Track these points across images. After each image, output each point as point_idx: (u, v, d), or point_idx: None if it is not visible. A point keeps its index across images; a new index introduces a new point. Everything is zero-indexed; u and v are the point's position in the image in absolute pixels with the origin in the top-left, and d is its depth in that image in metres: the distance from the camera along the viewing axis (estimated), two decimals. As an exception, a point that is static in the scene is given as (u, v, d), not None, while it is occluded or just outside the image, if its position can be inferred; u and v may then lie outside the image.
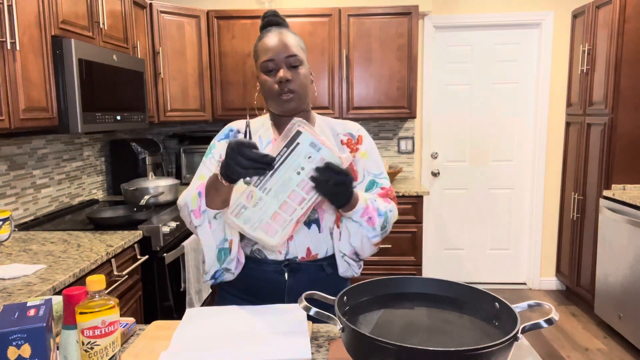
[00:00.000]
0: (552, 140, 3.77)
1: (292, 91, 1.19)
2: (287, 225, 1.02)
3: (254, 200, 1.00)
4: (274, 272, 1.23)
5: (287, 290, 1.24)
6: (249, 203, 1.00)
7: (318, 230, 1.23)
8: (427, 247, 3.94)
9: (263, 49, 1.21)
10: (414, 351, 0.71)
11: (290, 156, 0.97)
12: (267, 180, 0.99)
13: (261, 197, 1.00)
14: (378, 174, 1.29)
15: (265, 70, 1.21)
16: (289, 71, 1.19)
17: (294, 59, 1.19)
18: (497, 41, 3.73)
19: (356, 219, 1.15)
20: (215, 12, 3.30)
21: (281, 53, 1.19)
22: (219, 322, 1.06)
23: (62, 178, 2.64)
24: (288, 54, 1.19)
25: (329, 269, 1.26)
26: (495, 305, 0.89)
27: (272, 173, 0.99)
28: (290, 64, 1.19)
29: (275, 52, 1.19)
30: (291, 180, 0.98)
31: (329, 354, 0.96)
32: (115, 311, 0.82)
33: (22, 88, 1.78)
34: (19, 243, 1.93)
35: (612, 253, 3.00)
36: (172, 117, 3.19)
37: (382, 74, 3.31)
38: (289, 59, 1.19)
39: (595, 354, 2.86)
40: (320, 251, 1.25)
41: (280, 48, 1.19)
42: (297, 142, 0.96)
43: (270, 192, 1.00)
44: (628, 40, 2.99)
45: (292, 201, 1.00)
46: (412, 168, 3.81)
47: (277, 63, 1.19)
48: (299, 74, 1.20)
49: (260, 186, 0.99)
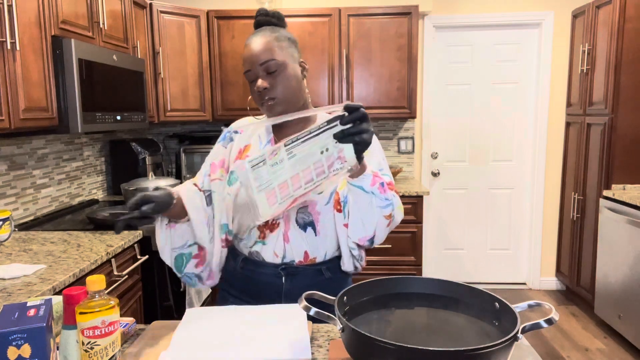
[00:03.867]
0: (552, 140, 3.77)
1: (272, 98, 1.17)
2: (285, 201, 1.01)
3: (275, 159, 0.99)
4: (272, 275, 1.22)
5: (284, 293, 1.23)
6: (270, 159, 0.99)
7: (314, 234, 1.21)
8: (427, 247, 3.94)
9: (243, 57, 1.20)
10: (414, 351, 0.71)
11: (325, 133, 0.96)
12: (296, 145, 0.98)
13: (283, 159, 0.99)
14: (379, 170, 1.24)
15: (248, 79, 1.20)
16: (266, 79, 1.16)
17: (272, 64, 1.16)
18: (497, 41, 3.73)
19: (367, 189, 1.08)
20: (215, 12, 3.30)
21: (256, 62, 1.16)
22: (219, 322, 1.06)
23: (62, 178, 2.64)
24: (262, 61, 1.16)
25: (328, 273, 1.24)
26: (495, 305, 0.89)
27: (305, 140, 0.97)
28: (267, 70, 1.16)
29: (251, 62, 1.17)
30: (313, 155, 0.98)
31: (329, 354, 0.96)
32: (115, 311, 0.82)
33: (22, 88, 1.78)
34: (19, 243, 1.93)
35: (612, 253, 3.00)
36: (172, 117, 3.19)
37: (382, 74, 3.31)
38: (264, 65, 1.16)
39: (595, 354, 2.86)
40: (318, 255, 1.22)
41: (255, 57, 1.16)
42: (336, 123, 0.96)
43: (293, 159, 0.99)
44: (628, 40, 2.99)
45: (303, 177, 0.99)
46: (412, 168, 3.81)
47: (254, 73, 1.17)
48: (278, 78, 1.16)
49: (288, 147, 0.98)
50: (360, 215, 1.13)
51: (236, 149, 1.28)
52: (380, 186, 1.10)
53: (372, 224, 1.13)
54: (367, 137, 0.95)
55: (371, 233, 1.15)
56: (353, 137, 0.94)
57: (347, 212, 1.17)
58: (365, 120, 0.94)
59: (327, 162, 0.97)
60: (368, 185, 1.08)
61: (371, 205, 1.11)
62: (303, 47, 3.30)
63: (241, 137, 1.30)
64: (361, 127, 0.93)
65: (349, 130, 0.93)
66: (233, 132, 1.31)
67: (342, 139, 0.94)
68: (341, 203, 1.18)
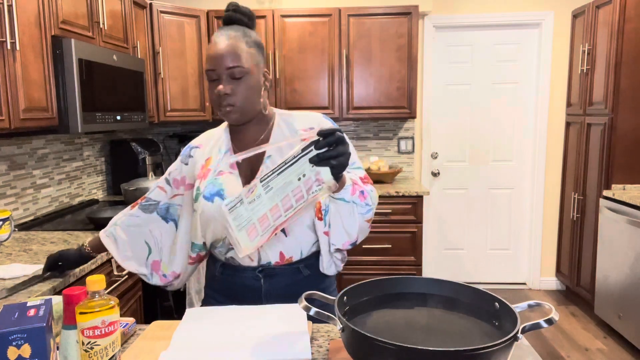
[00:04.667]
0: (552, 140, 3.77)
1: (232, 105, 1.14)
2: (267, 231, 1.01)
3: (252, 196, 0.98)
4: (250, 278, 1.22)
5: (263, 295, 1.22)
6: (247, 198, 0.99)
7: (284, 235, 1.19)
8: (427, 247, 3.94)
9: (208, 54, 1.14)
10: (414, 351, 0.71)
11: (300, 160, 0.96)
12: (272, 179, 0.98)
13: (260, 194, 0.99)
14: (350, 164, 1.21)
15: (208, 78, 1.15)
16: (230, 84, 1.13)
17: (237, 70, 1.12)
18: (497, 41, 3.73)
19: (348, 199, 1.10)
20: (215, 12, 3.30)
21: (222, 64, 1.11)
22: (219, 322, 1.06)
23: (62, 178, 2.64)
24: (230, 65, 1.11)
25: (306, 270, 1.23)
26: (495, 305, 0.89)
27: (280, 172, 0.97)
28: (232, 75, 1.12)
29: (217, 61, 1.12)
30: (291, 184, 0.97)
31: (329, 354, 0.96)
32: (115, 311, 0.82)
33: (22, 88, 1.78)
34: (19, 243, 1.93)
35: (612, 253, 3.00)
36: (172, 117, 3.19)
37: (382, 74, 3.31)
38: (231, 70, 1.11)
39: (595, 354, 2.86)
40: (294, 254, 1.21)
41: (223, 57, 1.11)
42: (311, 149, 0.95)
43: (270, 192, 0.99)
44: (628, 40, 2.99)
45: (282, 206, 0.99)
46: (412, 168, 3.81)
47: (218, 74, 1.13)
48: (241, 86, 1.13)
49: (264, 182, 0.98)
50: (342, 223, 1.15)
51: (199, 164, 1.27)
52: (360, 194, 1.11)
53: (354, 229, 1.15)
54: (343, 160, 0.94)
55: (354, 238, 1.17)
56: (329, 161, 0.93)
57: (328, 220, 1.17)
58: (341, 143, 0.93)
59: (305, 186, 0.97)
60: (348, 195, 1.09)
61: (353, 213, 1.12)
62: (303, 47, 3.30)
63: (202, 152, 1.29)
64: (337, 150, 0.92)
65: (324, 155, 0.92)
66: (193, 148, 1.30)
67: (319, 163, 0.93)
68: (322, 211, 1.17)
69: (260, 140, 1.24)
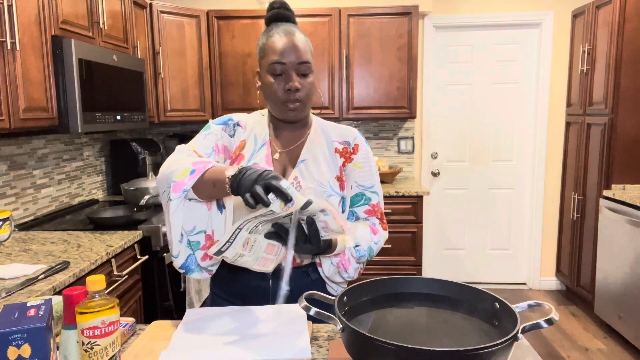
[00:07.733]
0: (552, 140, 3.77)
1: (299, 100, 1.13)
2: (279, 254, 1.05)
3: (249, 246, 1.00)
4: (259, 279, 1.22)
5: (271, 296, 1.22)
6: (246, 250, 1.01)
7: None
8: (427, 247, 3.94)
9: (272, 47, 1.11)
10: (414, 351, 0.71)
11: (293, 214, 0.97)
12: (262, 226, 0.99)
13: (256, 238, 1.01)
14: (369, 186, 1.24)
15: (272, 72, 1.12)
16: (298, 79, 1.12)
17: (306, 67, 1.12)
18: (497, 41, 3.73)
19: (332, 262, 1.19)
20: (215, 12, 3.30)
21: (293, 58, 1.10)
22: (219, 322, 1.06)
23: (62, 178, 2.64)
24: (300, 60, 1.11)
25: (314, 274, 1.24)
26: (495, 305, 0.89)
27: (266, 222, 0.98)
28: (301, 71, 1.12)
29: (287, 55, 1.10)
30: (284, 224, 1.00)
31: (329, 354, 0.96)
32: (115, 311, 0.82)
33: (22, 88, 1.78)
34: (19, 243, 1.93)
35: (612, 253, 3.00)
36: (172, 117, 3.19)
37: (382, 74, 3.31)
38: (300, 65, 1.11)
39: (595, 354, 2.86)
40: (305, 258, 1.22)
41: (293, 52, 1.10)
42: (307, 210, 0.93)
43: (264, 232, 1.01)
44: (628, 40, 2.98)
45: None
46: (412, 168, 3.81)
47: (287, 68, 1.11)
48: (308, 82, 1.13)
49: (250, 230, 0.98)
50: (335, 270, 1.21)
51: (235, 144, 1.23)
52: (340, 265, 1.19)
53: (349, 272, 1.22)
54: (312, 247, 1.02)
55: (345, 277, 1.24)
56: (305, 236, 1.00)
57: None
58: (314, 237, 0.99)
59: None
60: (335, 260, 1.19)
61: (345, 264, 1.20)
62: (303, 47, 3.30)
63: (242, 132, 1.23)
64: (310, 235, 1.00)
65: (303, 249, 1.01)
66: (236, 124, 1.24)
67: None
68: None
69: (300, 143, 1.23)
